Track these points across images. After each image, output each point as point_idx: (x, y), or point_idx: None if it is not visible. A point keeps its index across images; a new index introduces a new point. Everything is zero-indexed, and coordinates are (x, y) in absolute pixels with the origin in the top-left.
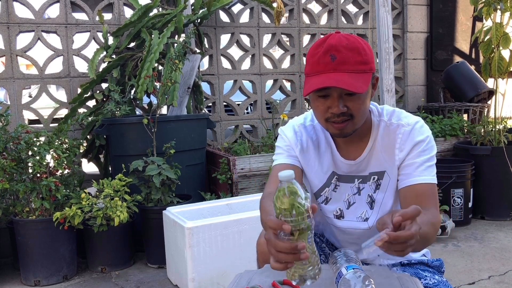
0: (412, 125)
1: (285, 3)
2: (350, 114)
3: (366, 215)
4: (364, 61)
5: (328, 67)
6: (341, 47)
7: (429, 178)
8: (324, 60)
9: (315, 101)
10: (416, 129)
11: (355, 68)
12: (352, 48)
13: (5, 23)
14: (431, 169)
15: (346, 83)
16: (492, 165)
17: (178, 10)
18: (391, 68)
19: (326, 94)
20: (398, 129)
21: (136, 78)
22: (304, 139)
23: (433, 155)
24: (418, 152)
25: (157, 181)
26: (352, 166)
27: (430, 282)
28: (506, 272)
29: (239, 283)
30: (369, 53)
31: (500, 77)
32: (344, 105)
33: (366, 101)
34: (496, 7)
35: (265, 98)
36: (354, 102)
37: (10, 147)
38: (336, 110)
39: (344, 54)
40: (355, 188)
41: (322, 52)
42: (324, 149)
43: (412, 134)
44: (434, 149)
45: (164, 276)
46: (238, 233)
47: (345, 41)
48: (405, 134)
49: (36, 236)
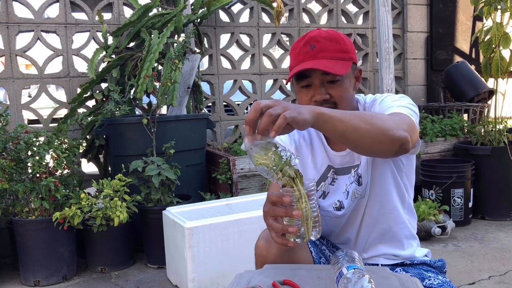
0: (385, 96)
1: (285, 3)
2: (334, 102)
3: (358, 193)
4: (343, 49)
5: (308, 55)
6: (320, 37)
7: (402, 110)
8: (304, 50)
9: (299, 93)
10: (389, 96)
11: (334, 55)
12: (331, 38)
13: (4, 22)
14: (406, 109)
15: (324, 66)
16: (492, 165)
17: (178, 10)
18: (391, 68)
19: (308, 83)
20: (373, 103)
21: (135, 78)
22: (296, 138)
23: (410, 102)
24: (390, 102)
25: (157, 181)
26: (345, 157)
27: (434, 283)
28: (506, 272)
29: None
30: (349, 44)
31: (500, 77)
32: (326, 92)
33: (349, 89)
34: (497, 7)
35: (265, 98)
36: (336, 90)
37: (9, 147)
38: (318, 97)
39: (323, 43)
40: (352, 178)
41: (302, 44)
42: (316, 145)
43: (385, 99)
44: (410, 101)
45: (164, 276)
46: (238, 233)
47: (325, 33)
48: (377, 102)
49: (35, 236)
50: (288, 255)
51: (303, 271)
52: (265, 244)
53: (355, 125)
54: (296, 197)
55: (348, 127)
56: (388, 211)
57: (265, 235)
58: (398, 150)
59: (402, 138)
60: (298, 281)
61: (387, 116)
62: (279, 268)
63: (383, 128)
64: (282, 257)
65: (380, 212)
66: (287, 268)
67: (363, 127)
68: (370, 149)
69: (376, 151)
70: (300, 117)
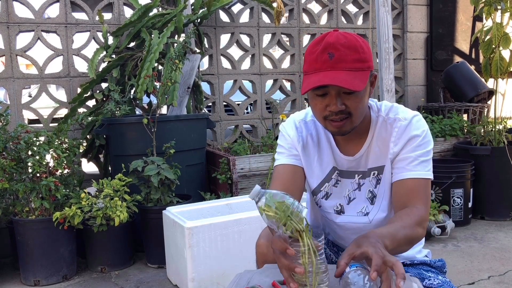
0: (409, 119)
1: (285, 3)
2: (348, 112)
3: (366, 210)
4: (362, 59)
5: (326, 65)
6: (339, 45)
7: (422, 173)
8: (322, 58)
9: (313, 100)
10: (413, 123)
11: (353, 66)
12: (350, 46)
13: (5, 22)
14: (426, 164)
15: (343, 81)
16: (492, 165)
17: (178, 10)
18: (391, 68)
19: (324, 92)
20: (395, 123)
21: (136, 78)
22: (305, 135)
23: (429, 149)
24: (413, 147)
25: (156, 181)
26: (351, 162)
27: (434, 283)
28: (506, 272)
29: (239, 283)
30: (367, 51)
31: (500, 77)
32: (342, 103)
33: (364, 99)
34: (497, 7)
35: (265, 98)
36: (352, 100)
37: (9, 147)
38: (334, 108)
39: (342, 52)
40: (355, 184)
41: (320, 50)
42: (323, 145)
43: (408, 128)
44: (431, 144)
45: (164, 276)
46: (238, 233)
47: (343, 39)
48: (401, 128)
49: (35, 236)
50: None
51: None
52: (266, 242)
53: (401, 250)
54: (301, 252)
55: (395, 251)
56: None
57: (265, 233)
58: None
59: (421, 237)
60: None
61: (423, 209)
62: None
63: (414, 242)
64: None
65: (387, 220)
66: None
67: (404, 249)
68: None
69: None
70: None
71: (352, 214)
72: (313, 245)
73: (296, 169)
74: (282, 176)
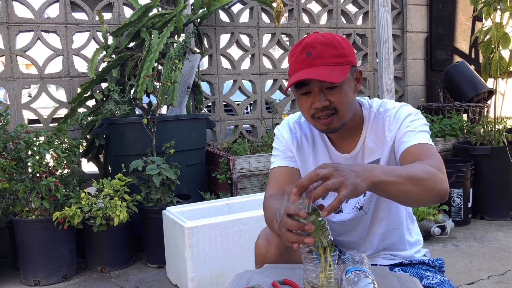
0: (398, 107)
1: (285, 3)
2: (334, 108)
3: (359, 203)
4: (341, 54)
5: (305, 63)
6: (316, 43)
7: (424, 139)
8: (300, 57)
9: (299, 100)
10: (402, 109)
11: (331, 61)
12: (327, 43)
13: (4, 22)
14: (425, 134)
15: (320, 75)
16: (491, 165)
17: (178, 10)
18: (390, 68)
19: (307, 90)
20: (385, 113)
21: (135, 78)
22: (299, 136)
23: (425, 123)
24: (408, 122)
25: (157, 181)
26: (348, 159)
27: (433, 282)
28: (505, 272)
29: (238, 283)
30: (346, 47)
31: (500, 77)
32: (326, 99)
33: (349, 94)
34: (496, 7)
35: (264, 98)
36: (336, 95)
37: (9, 146)
38: (318, 104)
39: (319, 49)
40: None
41: (299, 51)
42: (318, 144)
43: (399, 112)
44: (425, 120)
45: (164, 276)
46: (237, 233)
47: (321, 38)
48: (391, 116)
49: (35, 236)
50: (288, 255)
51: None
52: (265, 243)
53: (406, 189)
54: (321, 266)
55: (400, 191)
56: (395, 226)
57: (265, 234)
58: (438, 202)
59: (444, 193)
60: (297, 280)
61: (431, 169)
62: (279, 268)
63: (430, 188)
64: (282, 256)
65: (387, 228)
66: (287, 268)
67: (413, 190)
68: (415, 205)
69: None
70: (356, 192)
71: (349, 211)
72: (331, 262)
73: (292, 171)
74: (278, 178)
